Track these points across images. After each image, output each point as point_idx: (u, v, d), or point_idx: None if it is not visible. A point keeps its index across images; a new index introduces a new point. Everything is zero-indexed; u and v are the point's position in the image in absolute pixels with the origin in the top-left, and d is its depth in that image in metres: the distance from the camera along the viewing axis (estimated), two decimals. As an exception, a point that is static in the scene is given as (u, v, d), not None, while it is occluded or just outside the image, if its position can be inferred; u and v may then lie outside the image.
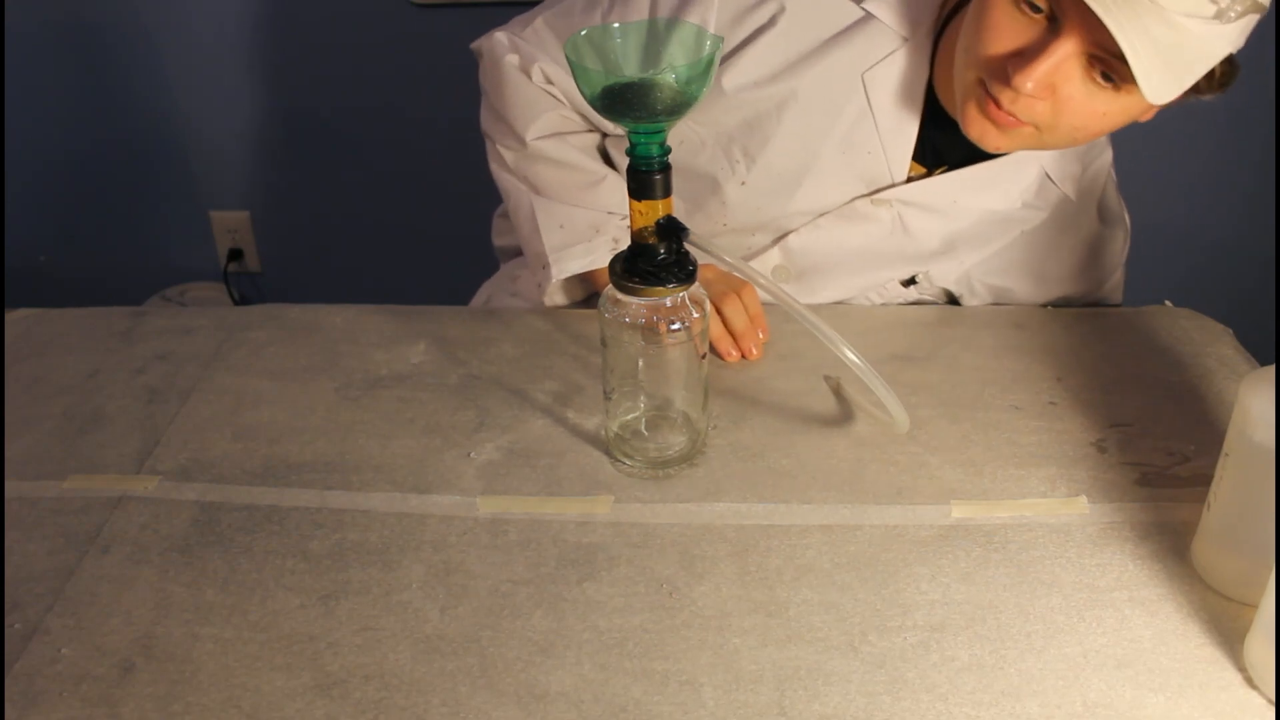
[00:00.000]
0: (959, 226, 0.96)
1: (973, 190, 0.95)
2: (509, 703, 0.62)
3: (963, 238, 0.97)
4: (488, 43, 1.01)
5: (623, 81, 0.66)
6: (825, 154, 0.93)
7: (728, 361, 0.90)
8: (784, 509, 0.75)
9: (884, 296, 1.02)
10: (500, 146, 1.01)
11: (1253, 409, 0.62)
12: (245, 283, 2.09)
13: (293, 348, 0.94)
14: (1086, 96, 0.78)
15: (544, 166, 0.98)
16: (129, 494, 0.78)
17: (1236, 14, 0.73)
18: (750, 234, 1.00)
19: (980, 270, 0.99)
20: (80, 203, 2.01)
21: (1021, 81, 0.76)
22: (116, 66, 1.86)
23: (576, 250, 0.95)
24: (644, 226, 0.71)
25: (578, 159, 0.98)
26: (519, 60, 0.98)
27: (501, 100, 0.99)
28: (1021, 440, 0.81)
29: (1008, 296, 1.01)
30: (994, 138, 0.83)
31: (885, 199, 0.95)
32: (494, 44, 1.00)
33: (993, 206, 0.96)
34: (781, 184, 0.95)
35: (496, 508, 0.76)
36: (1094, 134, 0.82)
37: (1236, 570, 0.66)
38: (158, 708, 0.62)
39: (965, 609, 0.67)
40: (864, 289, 1.01)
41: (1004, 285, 1.00)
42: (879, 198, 0.95)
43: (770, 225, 0.99)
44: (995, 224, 0.97)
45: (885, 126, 0.92)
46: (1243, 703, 0.61)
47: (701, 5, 0.91)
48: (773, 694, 0.62)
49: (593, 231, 0.96)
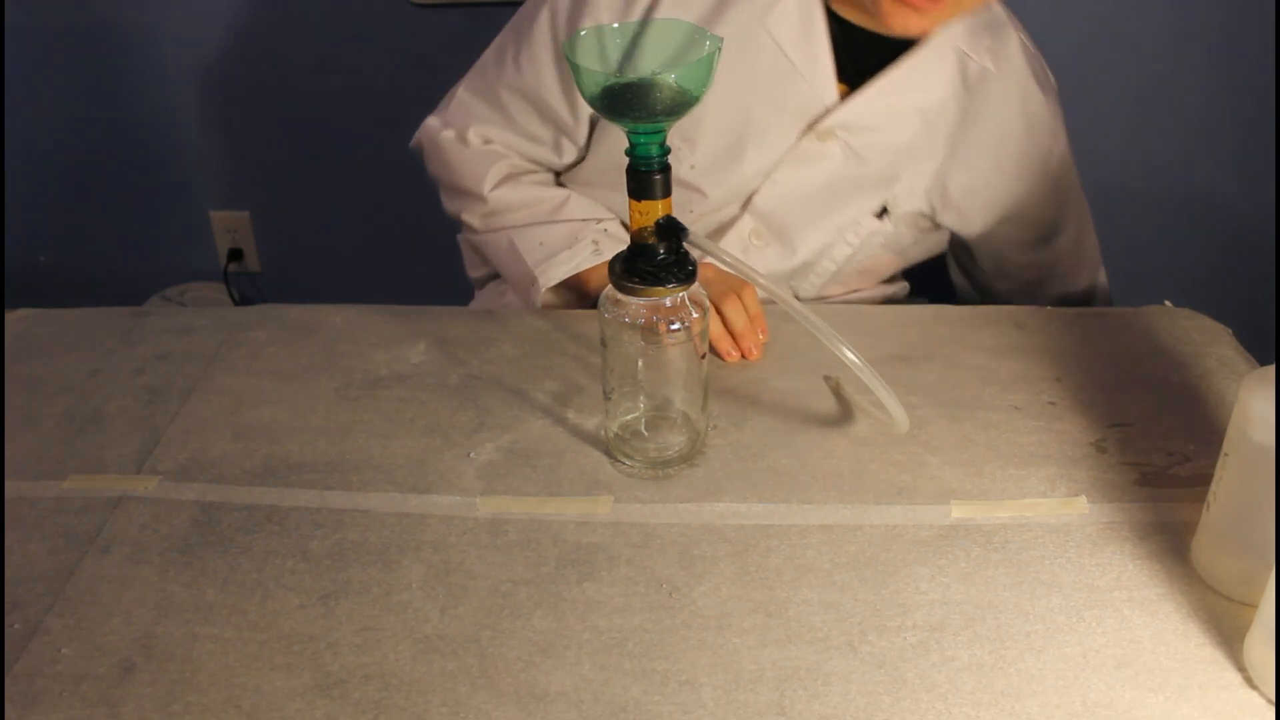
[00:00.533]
0: (903, 138, 0.98)
1: (901, 91, 0.97)
2: (509, 703, 0.62)
3: (912, 150, 0.99)
4: (423, 133, 1.07)
5: (622, 82, 0.66)
6: (756, 110, 0.96)
7: (727, 361, 0.90)
8: (784, 509, 0.75)
9: (860, 236, 1.03)
10: (466, 217, 1.05)
11: (1252, 409, 0.62)
12: (245, 283, 2.09)
13: (293, 348, 0.94)
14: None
15: (509, 212, 1.02)
16: (129, 494, 0.78)
17: None
18: (718, 209, 1.02)
19: (943, 178, 1.01)
20: (80, 203, 2.01)
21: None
22: (116, 66, 1.86)
23: (560, 258, 0.97)
24: (643, 227, 0.71)
25: (537, 192, 1.02)
26: (454, 133, 1.04)
27: (451, 173, 1.04)
28: (1021, 440, 0.81)
29: (980, 203, 1.02)
30: (916, 21, 0.87)
31: (828, 129, 0.97)
32: (427, 130, 1.07)
33: (925, 102, 0.98)
34: (727, 155, 0.98)
35: (496, 508, 0.76)
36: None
37: (1236, 570, 0.66)
38: (158, 708, 0.62)
39: (965, 609, 0.67)
40: (839, 231, 1.02)
41: (970, 184, 1.01)
42: (822, 129, 0.97)
43: (733, 194, 1.01)
44: (935, 122, 0.99)
45: (801, 60, 0.95)
46: (1242, 703, 0.61)
47: (591, 12, 0.95)
48: (772, 694, 0.62)
49: (571, 239, 0.98)
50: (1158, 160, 1.78)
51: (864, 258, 1.05)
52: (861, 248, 1.03)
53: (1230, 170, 1.78)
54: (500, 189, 1.02)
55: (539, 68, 1.00)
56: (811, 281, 1.06)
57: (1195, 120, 1.75)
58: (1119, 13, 1.66)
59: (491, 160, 1.02)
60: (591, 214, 1.01)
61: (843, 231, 1.02)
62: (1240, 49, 1.67)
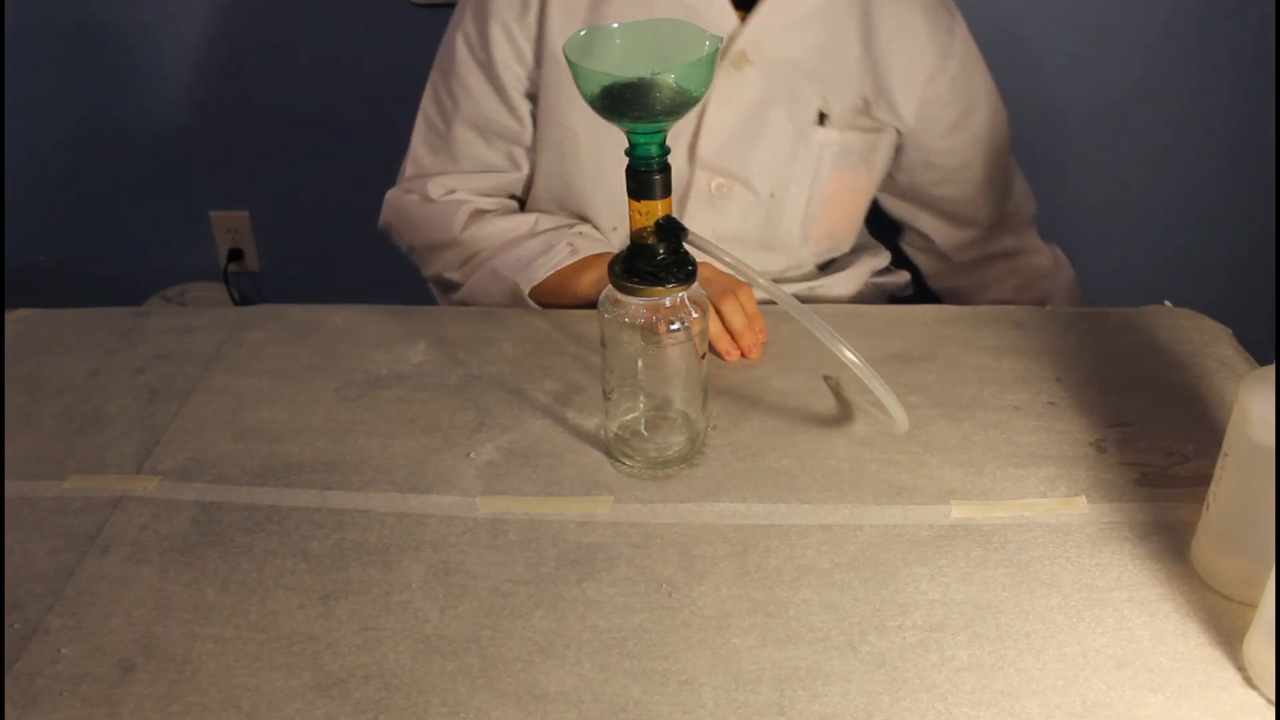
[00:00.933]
0: (811, 38, 1.01)
1: (797, 2, 1.00)
2: (509, 703, 0.62)
3: (823, 49, 1.01)
4: (386, 208, 1.11)
5: (622, 82, 0.66)
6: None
7: (727, 360, 0.90)
8: (784, 509, 0.75)
9: (812, 151, 1.03)
10: (448, 275, 1.08)
11: (1252, 409, 0.62)
12: (245, 283, 2.09)
13: (293, 348, 0.94)
14: None
15: (483, 248, 1.04)
16: (129, 494, 0.78)
17: None
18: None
19: (864, 68, 1.02)
20: (80, 203, 2.01)
21: None
22: (116, 66, 1.86)
23: (537, 263, 0.99)
24: (643, 227, 0.71)
25: (507, 223, 1.05)
26: (416, 196, 1.08)
27: (421, 231, 1.08)
28: (1021, 440, 0.81)
29: (900, 82, 1.04)
30: None
31: (740, 54, 0.99)
32: (390, 202, 1.11)
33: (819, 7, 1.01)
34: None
35: (496, 508, 0.76)
36: None
37: (1236, 570, 0.66)
38: (158, 708, 0.62)
39: (964, 609, 0.67)
40: (790, 152, 1.03)
41: (888, 65, 1.03)
42: (734, 56, 0.99)
43: (676, 148, 1.02)
44: (837, 15, 1.01)
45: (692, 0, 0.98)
46: (1242, 702, 0.61)
47: (495, 14, 1.00)
48: (772, 694, 0.62)
49: (547, 246, 1.00)
50: (1157, 160, 1.78)
51: (829, 178, 1.05)
52: (819, 164, 1.04)
53: (1230, 170, 1.78)
54: (470, 229, 1.05)
55: (470, 88, 1.04)
56: (793, 230, 1.07)
57: (1195, 120, 1.75)
58: (1118, 11, 1.66)
59: (456, 206, 1.06)
60: (563, 224, 1.05)
61: (794, 151, 1.03)
62: (1241, 49, 1.67)
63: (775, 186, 1.04)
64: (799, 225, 1.07)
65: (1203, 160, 1.78)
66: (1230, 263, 1.86)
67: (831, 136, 1.04)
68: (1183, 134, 1.76)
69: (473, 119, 1.06)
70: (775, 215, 1.05)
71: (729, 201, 1.04)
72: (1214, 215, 1.83)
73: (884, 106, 1.05)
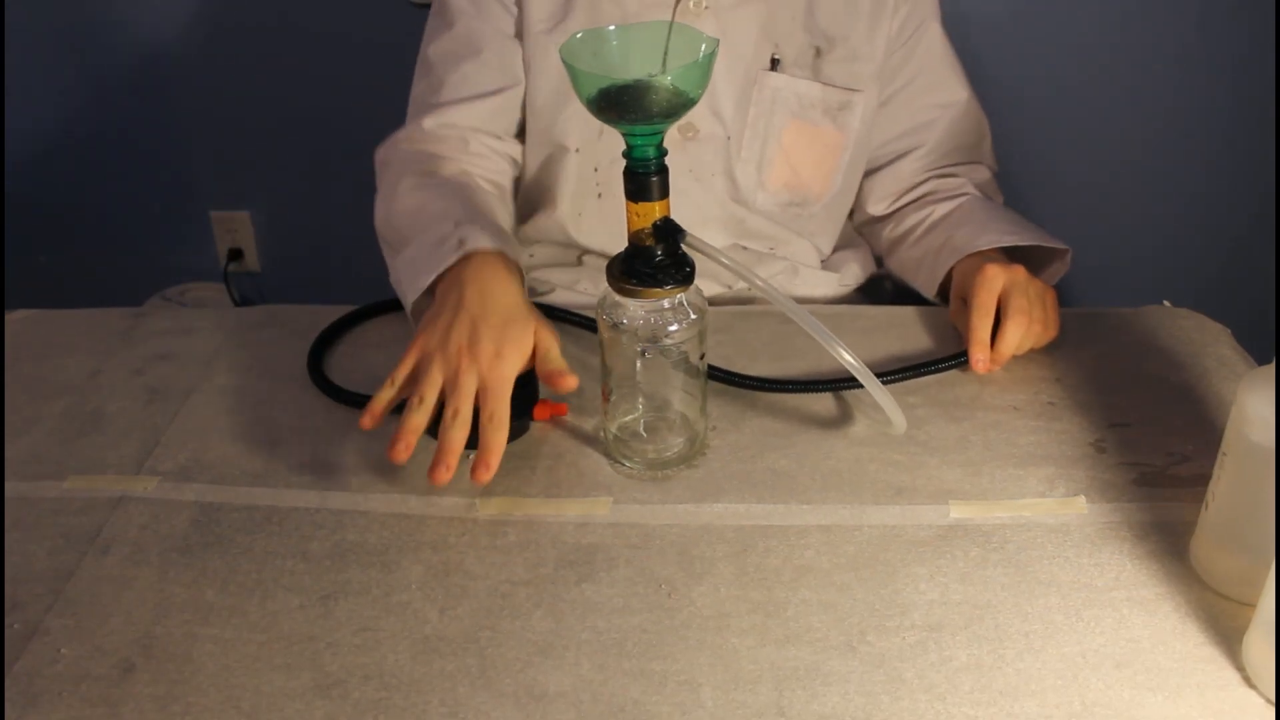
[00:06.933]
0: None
1: None
2: (508, 703, 0.62)
3: (773, 7, 1.02)
4: (380, 150, 1.13)
5: (619, 84, 0.67)
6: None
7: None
8: (783, 509, 0.75)
9: (767, 94, 1.04)
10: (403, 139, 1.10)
11: (1251, 409, 0.62)
12: (245, 283, 2.09)
13: (293, 348, 0.94)
14: None
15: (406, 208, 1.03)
16: (129, 494, 0.78)
17: None
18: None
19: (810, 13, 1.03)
20: (80, 202, 2.01)
21: None
22: (116, 66, 1.86)
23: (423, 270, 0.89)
24: (641, 228, 0.72)
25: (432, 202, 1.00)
26: (405, 142, 1.10)
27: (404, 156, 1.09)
28: (1020, 440, 0.81)
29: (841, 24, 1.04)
30: None
31: (693, 5, 1.01)
32: (384, 145, 1.12)
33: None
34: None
35: (496, 509, 0.76)
36: None
37: (1235, 569, 0.66)
38: (158, 708, 0.62)
39: (964, 609, 0.67)
40: (746, 95, 1.04)
41: (831, 9, 1.03)
42: (684, 10, 1.01)
43: None
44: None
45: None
46: (1241, 702, 0.61)
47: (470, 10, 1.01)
48: (771, 694, 0.62)
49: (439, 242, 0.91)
50: (1157, 160, 1.78)
51: (784, 123, 1.06)
52: (773, 109, 1.05)
53: (1230, 170, 1.78)
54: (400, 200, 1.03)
55: (461, 9, 1.05)
56: (749, 173, 1.07)
57: (1195, 120, 1.75)
58: (1119, 12, 1.66)
59: (450, 142, 1.06)
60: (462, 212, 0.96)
61: (747, 93, 1.04)
62: (1241, 49, 1.67)
63: (733, 129, 1.05)
64: (755, 169, 1.07)
65: (1202, 160, 1.78)
66: (1230, 263, 1.86)
67: (783, 81, 1.05)
68: (1182, 134, 1.76)
69: (470, 38, 1.05)
70: (733, 157, 1.07)
71: (698, 144, 1.05)
72: (1213, 215, 1.83)
73: (840, 60, 1.05)
